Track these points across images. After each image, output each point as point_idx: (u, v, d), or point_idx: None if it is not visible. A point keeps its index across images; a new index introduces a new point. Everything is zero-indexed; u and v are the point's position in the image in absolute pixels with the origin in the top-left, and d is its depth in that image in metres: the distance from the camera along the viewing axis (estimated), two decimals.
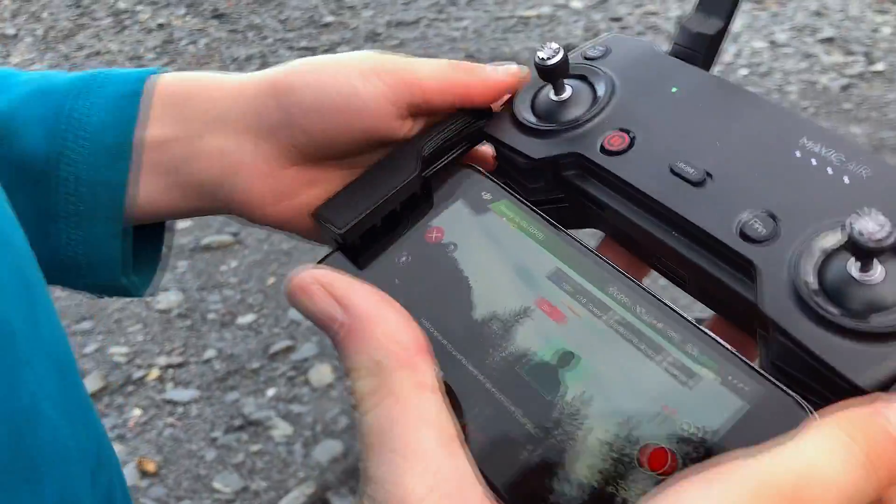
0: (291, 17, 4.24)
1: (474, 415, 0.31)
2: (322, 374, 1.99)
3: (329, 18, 4.40)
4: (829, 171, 0.32)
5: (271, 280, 2.29)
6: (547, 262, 0.34)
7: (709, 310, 0.38)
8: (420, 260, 0.36)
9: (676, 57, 0.40)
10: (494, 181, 0.38)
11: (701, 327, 0.31)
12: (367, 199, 0.37)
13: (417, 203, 0.38)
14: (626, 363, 0.30)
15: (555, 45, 0.39)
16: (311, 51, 4.01)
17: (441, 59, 0.42)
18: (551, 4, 4.55)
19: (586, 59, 0.41)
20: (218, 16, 4.09)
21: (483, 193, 0.37)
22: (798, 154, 0.33)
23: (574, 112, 0.39)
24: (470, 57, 3.85)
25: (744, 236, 0.31)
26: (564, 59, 0.39)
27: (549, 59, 0.38)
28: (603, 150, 0.37)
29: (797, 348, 0.28)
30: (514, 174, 0.40)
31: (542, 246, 0.34)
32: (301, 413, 1.88)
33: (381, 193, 0.37)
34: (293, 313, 2.17)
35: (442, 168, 0.40)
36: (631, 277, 0.33)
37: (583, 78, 0.41)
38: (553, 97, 0.40)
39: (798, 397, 0.27)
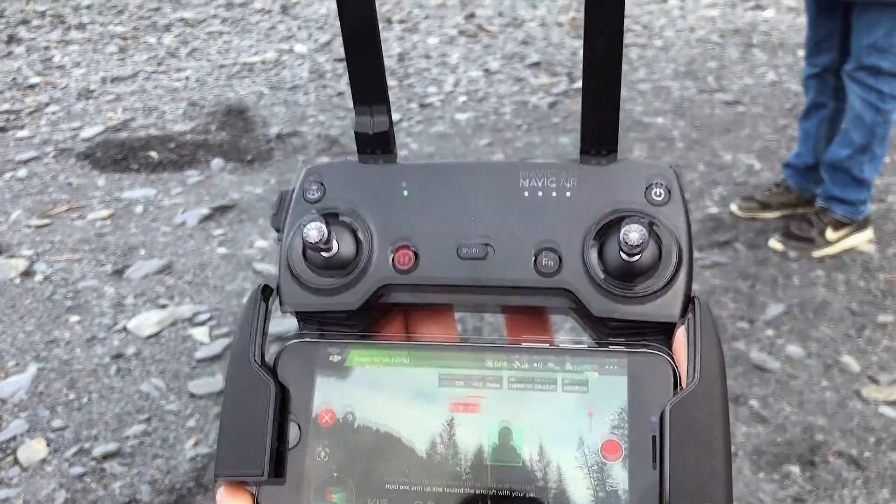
0: None
1: None
2: (33, 450, 1.77)
3: (35, 79, 4.10)
4: (554, 194, 0.42)
5: None
6: (429, 376, 0.39)
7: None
8: (335, 445, 0.38)
9: (370, 155, 0.45)
10: (325, 339, 0.41)
11: (555, 345, 0.39)
12: (255, 435, 0.38)
13: (286, 402, 0.39)
14: (544, 405, 0.38)
15: (317, 226, 0.40)
16: (16, 114, 3.70)
17: None
18: (276, 49, 4.55)
19: (310, 201, 0.44)
20: None
21: (331, 357, 0.40)
22: (526, 194, 0.42)
23: (350, 254, 0.42)
24: (193, 105, 3.74)
25: (542, 273, 0.40)
26: (329, 231, 0.40)
27: (319, 241, 0.40)
28: (398, 270, 0.42)
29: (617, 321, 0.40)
30: (331, 323, 0.43)
31: (413, 367, 0.39)
32: (9, 498, 1.66)
33: (259, 422, 0.38)
34: None
35: (276, 359, 0.41)
36: (487, 341, 0.40)
37: (329, 219, 0.43)
38: (325, 254, 0.42)
39: (644, 347, 0.38)
